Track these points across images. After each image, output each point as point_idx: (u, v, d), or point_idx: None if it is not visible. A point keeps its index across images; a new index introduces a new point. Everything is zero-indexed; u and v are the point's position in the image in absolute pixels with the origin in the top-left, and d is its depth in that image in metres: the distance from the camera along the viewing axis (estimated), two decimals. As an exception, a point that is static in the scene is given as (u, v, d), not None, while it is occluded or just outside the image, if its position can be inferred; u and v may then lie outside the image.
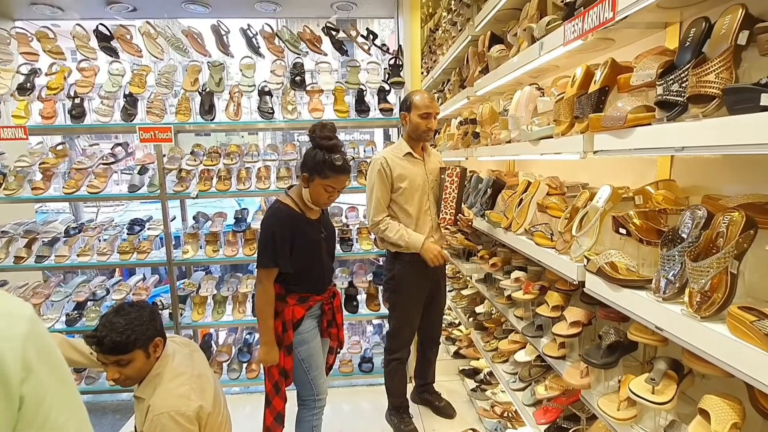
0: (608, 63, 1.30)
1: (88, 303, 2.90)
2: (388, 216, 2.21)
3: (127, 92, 2.78)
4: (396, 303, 2.30)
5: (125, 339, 1.28)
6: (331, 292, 1.98)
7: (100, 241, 2.94)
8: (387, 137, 3.68)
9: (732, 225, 0.93)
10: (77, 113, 2.77)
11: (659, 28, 1.39)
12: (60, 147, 2.98)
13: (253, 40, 2.89)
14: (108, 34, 2.81)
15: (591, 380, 1.41)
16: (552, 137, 1.56)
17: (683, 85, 0.97)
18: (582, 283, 1.37)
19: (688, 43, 1.02)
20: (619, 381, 1.30)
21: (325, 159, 1.68)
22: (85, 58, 2.83)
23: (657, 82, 1.04)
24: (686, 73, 0.96)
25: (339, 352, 2.19)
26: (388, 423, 2.51)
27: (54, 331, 2.77)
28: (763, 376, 0.76)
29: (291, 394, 1.95)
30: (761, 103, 0.76)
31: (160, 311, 2.87)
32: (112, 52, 2.82)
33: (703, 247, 0.97)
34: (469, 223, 2.30)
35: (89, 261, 2.80)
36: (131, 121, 2.75)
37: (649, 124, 1.06)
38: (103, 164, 2.86)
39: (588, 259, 1.32)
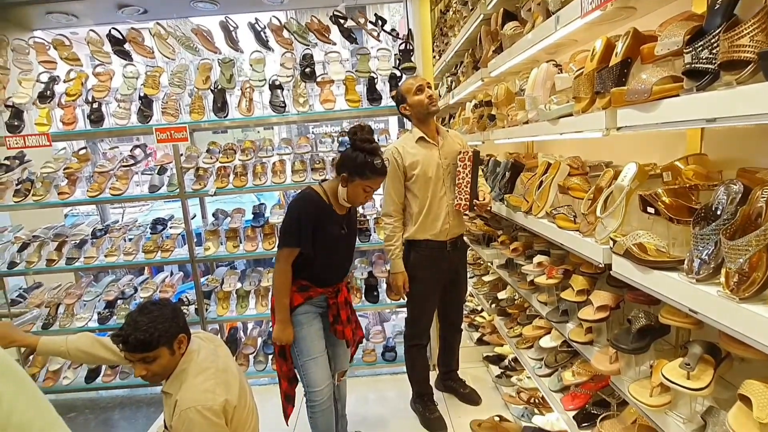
0: (630, 33, 1.23)
1: (118, 301, 3.00)
2: (398, 218, 2.23)
3: (142, 94, 2.82)
4: (412, 290, 2.29)
5: (149, 337, 1.31)
6: (336, 287, 1.96)
7: (125, 241, 3.02)
8: (402, 125, 3.62)
9: (772, 199, 0.86)
10: (96, 117, 2.83)
11: (685, -9, 1.30)
12: (82, 152, 3.07)
13: (262, 33, 2.88)
14: (121, 37, 2.84)
15: (621, 366, 1.36)
16: (572, 115, 1.50)
17: (714, 51, 0.90)
18: (608, 266, 1.31)
19: (717, 6, 0.94)
20: (651, 366, 1.25)
21: (366, 161, 1.74)
22: (101, 63, 2.88)
23: (684, 50, 0.97)
24: (717, 38, 0.89)
25: (358, 345, 2.17)
26: (413, 411, 2.52)
27: (87, 330, 2.90)
28: (811, 359, 0.71)
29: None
30: (803, 65, 0.70)
31: (186, 306, 2.95)
32: (126, 56, 2.85)
33: (740, 224, 0.91)
34: (487, 208, 2.25)
35: (116, 261, 2.89)
36: (147, 122, 2.80)
37: (677, 95, 0.99)
38: (124, 166, 2.92)
39: (614, 241, 1.26)
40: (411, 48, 2.80)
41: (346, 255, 2.00)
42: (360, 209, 3.07)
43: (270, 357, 2.98)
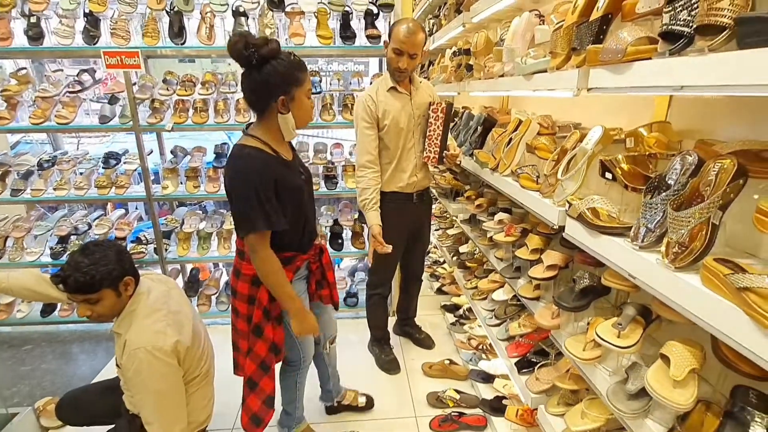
0: (614, -16, 1.15)
1: (72, 237, 2.88)
2: (375, 168, 2.11)
3: (87, 10, 2.51)
4: None
5: (90, 279, 1.26)
6: (317, 248, 1.72)
7: (76, 174, 2.84)
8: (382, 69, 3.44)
9: (722, 173, 0.87)
10: (34, 34, 2.52)
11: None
12: (22, 72, 2.76)
13: (225, -51, 2.56)
14: (58, -62, 2.46)
15: (561, 321, 1.44)
16: (546, 71, 1.44)
17: (693, 13, 0.85)
18: (562, 228, 1.34)
19: (704, -39, 0.88)
20: (589, 322, 1.33)
21: (287, 63, 1.35)
22: (36, -32, 2.51)
23: (664, 9, 0.92)
24: (698, -2, 0.84)
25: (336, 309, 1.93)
26: (370, 353, 2.64)
27: (40, 264, 2.79)
28: (729, 329, 0.76)
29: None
30: (777, 36, 0.66)
31: (145, 246, 2.87)
32: (66, -39, 2.49)
33: (688, 195, 0.92)
34: (457, 162, 2.22)
35: (67, 195, 2.73)
36: (94, 43, 2.52)
37: (650, 58, 0.95)
38: (70, 92, 2.67)
39: (570, 204, 1.28)
40: (391, -18, 2.58)
41: (312, 201, 1.69)
42: (329, 155, 2.98)
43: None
